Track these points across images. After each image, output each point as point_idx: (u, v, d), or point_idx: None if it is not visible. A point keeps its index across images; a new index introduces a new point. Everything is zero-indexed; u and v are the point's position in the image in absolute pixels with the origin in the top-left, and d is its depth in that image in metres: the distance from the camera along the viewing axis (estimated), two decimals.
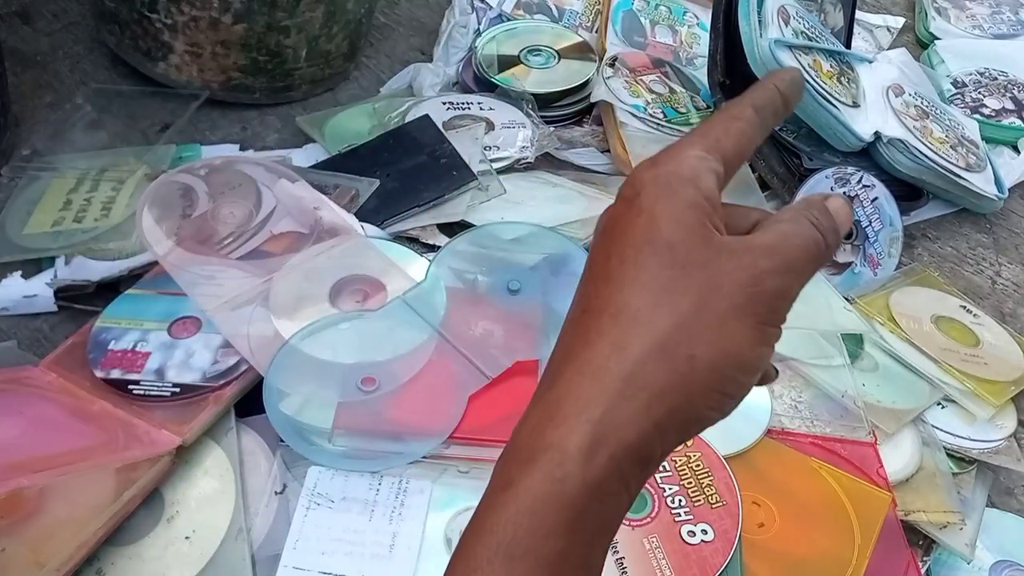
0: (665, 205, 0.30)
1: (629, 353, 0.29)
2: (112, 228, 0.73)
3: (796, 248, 0.30)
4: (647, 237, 0.30)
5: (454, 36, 0.99)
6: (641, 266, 0.30)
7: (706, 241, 0.30)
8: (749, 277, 0.29)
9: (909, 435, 0.67)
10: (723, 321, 0.29)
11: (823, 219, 0.32)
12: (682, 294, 0.29)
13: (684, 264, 0.29)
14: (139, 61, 0.89)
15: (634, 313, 0.29)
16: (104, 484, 0.54)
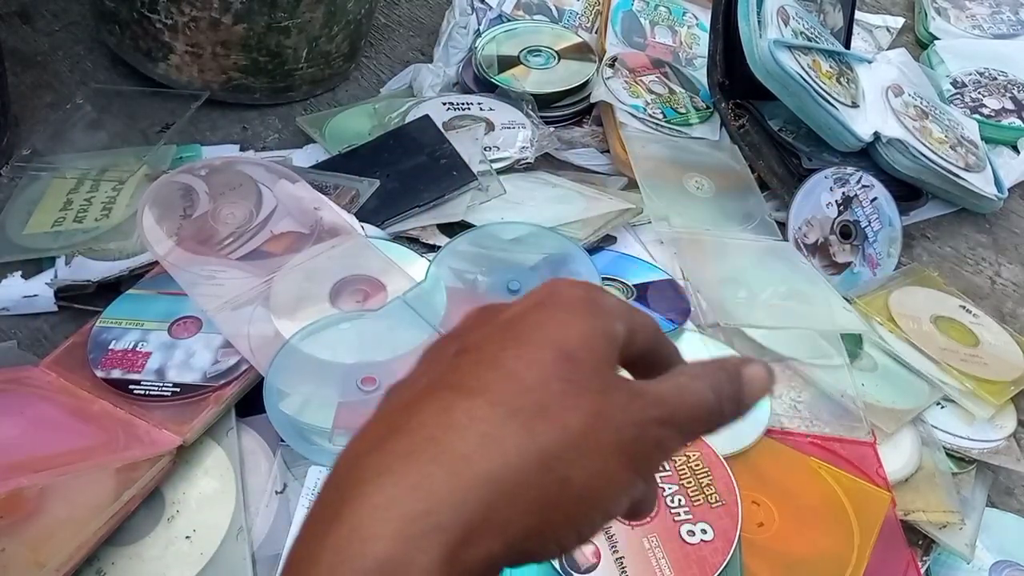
0: (583, 323, 0.28)
1: (504, 452, 0.25)
2: (112, 228, 0.73)
3: (686, 406, 0.29)
4: (554, 342, 0.27)
5: (454, 37, 0.99)
6: (538, 367, 0.27)
7: (605, 372, 0.28)
8: (638, 418, 0.27)
9: (908, 435, 0.67)
10: (604, 453, 0.26)
11: (727, 385, 0.30)
12: (572, 411, 0.26)
13: (581, 383, 0.27)
14: (139, 61, 0.89)
15: (517, 411, 0.26)
16: (104, 484, 0.54)
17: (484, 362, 0.28)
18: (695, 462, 0.60)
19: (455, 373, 0.28)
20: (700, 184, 0.86)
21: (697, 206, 0.84)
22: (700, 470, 0.60)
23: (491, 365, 0.27)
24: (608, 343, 0.29)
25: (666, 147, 0.89)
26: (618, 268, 0.76)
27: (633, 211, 0.80)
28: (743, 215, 0.84)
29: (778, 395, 0.68)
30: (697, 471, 0.60)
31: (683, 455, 0.61)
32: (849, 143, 0.85)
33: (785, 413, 0.67)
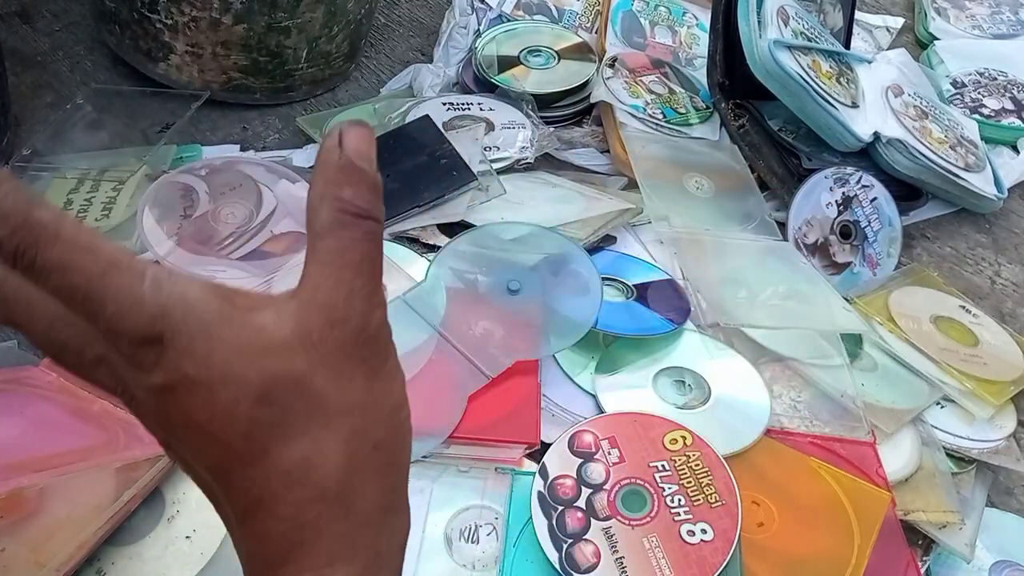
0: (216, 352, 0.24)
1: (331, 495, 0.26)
2: (113, 228, 0.73)
3: (361, 267, 0.25)
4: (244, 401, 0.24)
5: (454, 37, 0.99)
6: (266, 427, 0.25)
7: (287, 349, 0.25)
8: (351, 339, 0.25)
9: (908, 435, 0.67)
10: (368, 398, 0.26)
11: (361, 196, 0.25)
12: (323, 410, 0.25)
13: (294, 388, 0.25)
14: (139, 61, 0.89)
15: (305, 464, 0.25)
16: (104, 484, 0.54)
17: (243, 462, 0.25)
18: (695, 462, 0.60)
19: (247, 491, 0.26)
20: (700, 184, 0.86)
21: (697, 206, 0.84)
22: (700, 470, 0.60)
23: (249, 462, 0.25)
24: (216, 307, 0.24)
25: (666, 147, 0.89)
26: (618, 268, 0.76)
27: (633, 211, 0.80)
28: (743, 215, 0.84)
29: (778, 395, 0.68)
30: (697, 471, 0.60)
31: (683, 455, 0.61)
32: (849, 143, 0.85)
33: (785, 413, 0.67)
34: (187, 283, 0.24)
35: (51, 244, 0.22)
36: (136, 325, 0.23)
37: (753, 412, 0.66)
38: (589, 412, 0.65)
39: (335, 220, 0.25)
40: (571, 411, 0.65)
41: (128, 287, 0.23)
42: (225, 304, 0.24)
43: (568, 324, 0.67)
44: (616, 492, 0.59)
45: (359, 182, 0.26)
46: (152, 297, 0.23)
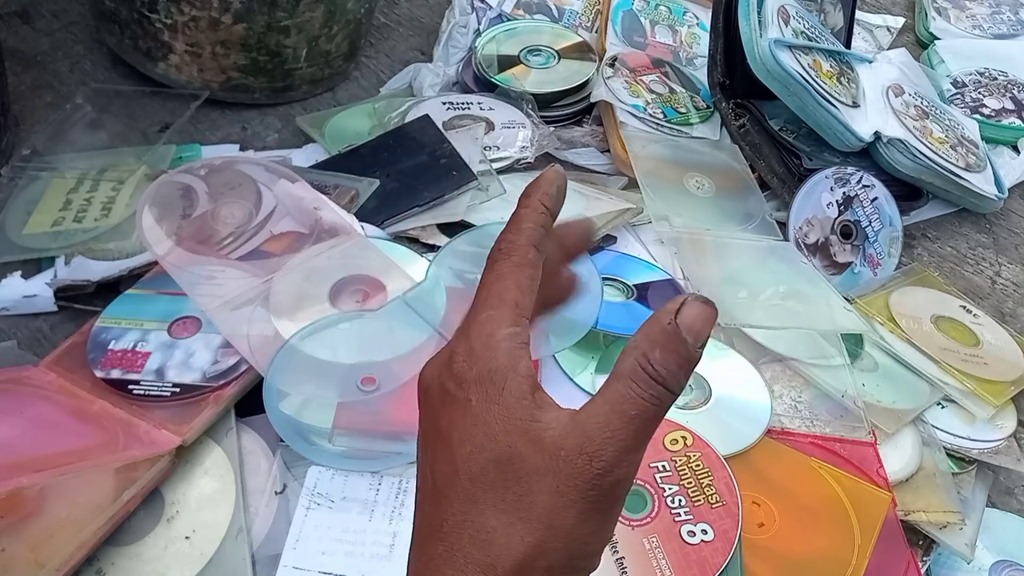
0: (497, 410, 0.29)
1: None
2: (112, 228, 0.73)
3: (632, 419, 0.28)
4: (488, 452, 0.29)
5: (454, 36, 0.99)
6: (489, 484, 0.29)
7: (539, 443, 0.29)
8: (587, 481, 0.28)
9: (909, 435, 0.67)
10: (572, 530, 0.29)
11: (666, 362, 0.28)
12: (532, 511, 0.28)
13: (527, 477, 0.29)
14: (139, 61, 0.89)
15: (493, 537, 0.29)
16: (104, 484, 0.54)
17: (452, 492, 0.30)
18: (695, 462, 0.60)
19: (439, 511, 0.31)
20: (700, 184, 0.86)
21: (697, 206, 0.84)
22: (700, 470, 0.60)
23: (459, 495, 0.30)
24: (524, 404, 0.29)
25: (666, 147, 0.89)
26: (618, 268, 0.76)
27: (633, 211, 0.80)
28: (743, 215, 0.84)
29: (778, 395, 0.68)
30: (697, 471, 0.60)
31: (684, 455, 0.61)
32: (849, 143, 0.85)
33: (785, 413, 0.67)
34: (524, 356, 0.30)
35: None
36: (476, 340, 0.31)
37: (754, 412, 0.66)
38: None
39: (632, 371, 0.29)
40: None
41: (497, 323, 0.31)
42: (531, 387, 0.30)
43: (568, 324, 0.67)
44: None
45: (673, 350, 0.28)
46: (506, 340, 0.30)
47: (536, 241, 0.33)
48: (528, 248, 0.32)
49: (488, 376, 0.30)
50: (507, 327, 0.31)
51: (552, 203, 0.34)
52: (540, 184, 0.34)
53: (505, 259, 0.32)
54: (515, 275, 0.32)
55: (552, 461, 0.28)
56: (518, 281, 0.32)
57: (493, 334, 0.31)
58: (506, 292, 0.31)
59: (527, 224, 0.33)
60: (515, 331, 0.31)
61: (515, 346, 0.30)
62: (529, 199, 0.33)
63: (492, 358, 0.30)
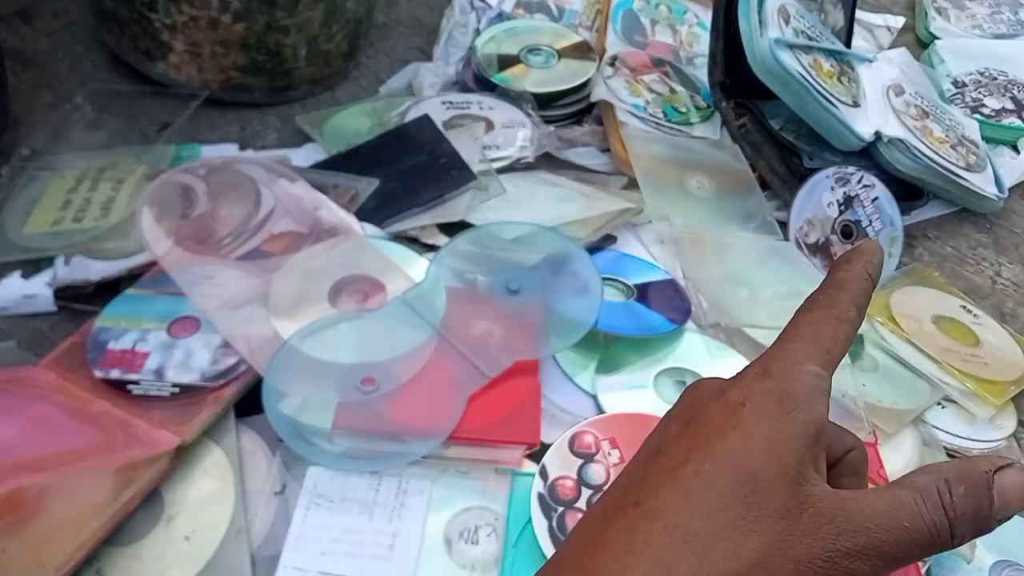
0: (767, 428, 0.27)
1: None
2: (112, 228, 0.73)
3: (899, 532, 0.26)
4: (735, 459, 0.27)
5: (454, 35, 0.99)
6: (716, 488, 0.26)
7: (795, 486, 0.26)
8: (822, 549, 0.26)
9: (909, 435, 0.67)
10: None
11: (965, 504, 0.26)
12: (747, 537, 0.26)
13: (762, 505, 0.26)
14: (139, 61, 0.89)
15: (691, 536, 0.26)
16: (103, 484, 0.54)
17: (667, 475, 0.27)
18: None
19: (643, 485, 0.28)
20: (701, 184, 0.86)
21: (698, 206, 0.84)
22: None
23: (672, 481, 0.27)
24: (798, 443, 0.27)
25: (667, 146, 0.89)
26: (618, 268, 0.76)
27: (633, 211, 0.80)
28: (744, 215, 0.84)
29: None
30: None
31: None
32: (850, 142, 0.85)
33: None
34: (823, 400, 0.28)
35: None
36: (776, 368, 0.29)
37: None
38: (589, 412, 0.65)
39: (926, 488, 0.27)
40: (571, 411, 0.65)
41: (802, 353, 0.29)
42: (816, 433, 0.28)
43: (568, 324, 0.67)
44: None
45: (976, 499, 0.26)
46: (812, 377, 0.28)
47: (859, 302, 0.31)
48: (851, 306, 0.31)
49: (777, 396, 0.27)
50: (814, 364, 0.28)
51: (875, 272, 0.32)
52: (863, 252, 0.32)
53: (824, 309, 0.31)
54: (832, 325, 0.30)
55: (798, 510, 0.26)
56: (835, 332, 0.30)
57: (799, 363, 0.28)
58: (821, 337, 0.29)
59: (851, 286, 0.31)
60: (821, 372, 0.28)
61: (819, 386, 0.28)
62: (851, 264, 0.32)
63: (789, 383, 0.28)
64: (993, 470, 0.27)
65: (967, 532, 0.26)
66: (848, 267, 0.32)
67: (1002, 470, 0.27)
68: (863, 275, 0.32)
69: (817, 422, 0.27)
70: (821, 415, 0.27)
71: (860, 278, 0.31)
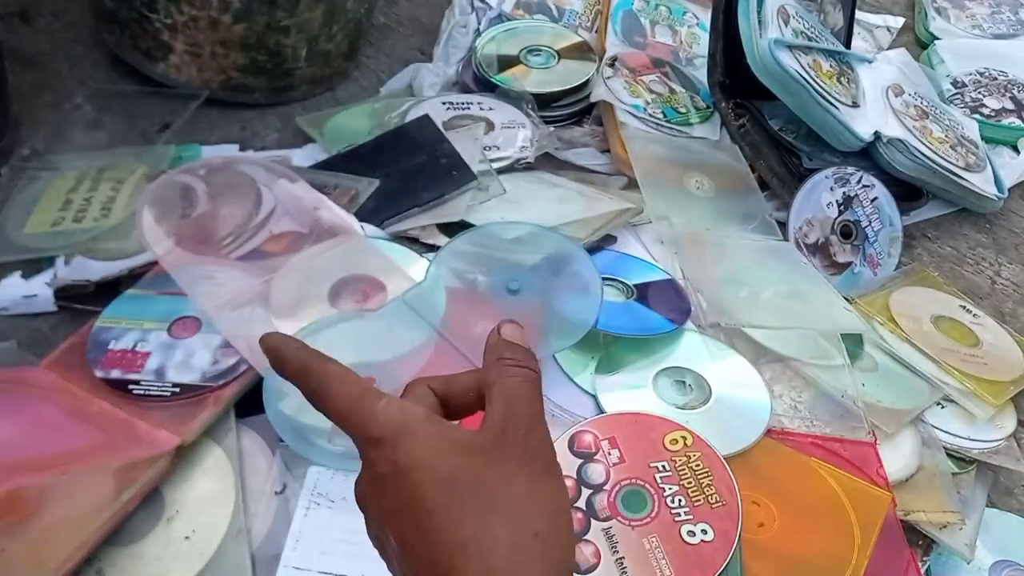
0: (420, 451, 0.33)
1: (497, 571, 0.31)
2: (112, 228, 0.73)
3: (523, 398, 0.35)
4: (434, 484, 0.32)
5: (454, 36, 0.99)
6: (450, 507, 0.32)
7: (469, 451, 0.33)
8: (518, 451, 0.33)
9: (909, 435, 0.67)
10: (531, 495, 0.33)
11: (516, 354, 0.36)
12: (493, 502, 0.32)
13: (474, 481, 0.32)
14: (139, 61, 0.89)
15: (477, 542, 0.32)
16: (104, 484, 0.54)
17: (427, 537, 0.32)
18: (695, 462, 0.60)
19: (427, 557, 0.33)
20: (700, 184, 0.86)
21: (697, 206, 0.84)
22: (700, 470, 0.60)
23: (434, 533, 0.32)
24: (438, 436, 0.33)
25: (666, 147, 0.89)
26: (618, 268, 0.76)
27: (633, 211, 0.80)
28: (743, 215, 0.84)
29: (778, 395, 0.68)
30: (697, 471, 0.60)
31: (684, 455, 0.61)
32: (849, 143, 0.85)
33: (785, 413, 0.67)
34: (408, 404, 0.35)
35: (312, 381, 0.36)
36: (367, 432, 0.34)
37: (753, 412, 0.66)
38: (589, 412, 0.65)
39: (498, 370, 0.35)
40: (571, 411, 0.65)
41: (367, 407, 0.34)
42: (430, 418, 0.34)
43: (568, 324, 0.67)
44: (616, 492, 0.59)
45: (514, 348, 0.36)
46: (383, 413, 0.34)
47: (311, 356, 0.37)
48: (315, 356, 0.37)
49: (397, 439, 0.33)
50: (377, 402, 0.34)
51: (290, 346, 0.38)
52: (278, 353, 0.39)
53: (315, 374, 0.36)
54: (337, 373, 0.36)
55: (486, 455, 0.33)
56: (342, 374, 0.36)
57: (373, 414, 0.34)
58: (350, 385, 0.35)
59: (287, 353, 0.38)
60: (386, 400, 0.34)
61: (397, 407, 0.34)
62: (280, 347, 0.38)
63: (388, 428, 0.33)
64: (496, 334, 0.37)
65: (536, 364, 0.36)
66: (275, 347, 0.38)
67: (501, 327, 0.37)
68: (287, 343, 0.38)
69: (425, 418, 0.34)
70: (419, 412, 0.34)
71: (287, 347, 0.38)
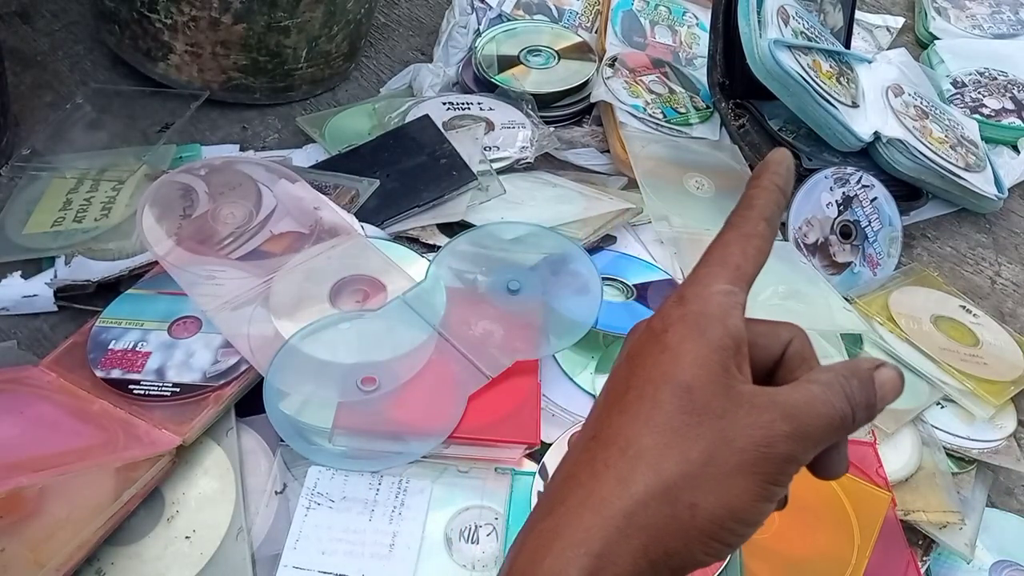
0: (692, 345, 0.30)
1: (633, 491, 0.29)
2: (112, 228, 0.73)
3: (819, 417, 0.30)
4: (668, 376, 0.30)
5: (454, 36, 0.99)
6: (658, 405, 0.29)
7: (727, 389, 0.30)
8: (763, 437, 0.29)
9: (909, 435, 0.67)
10: (729, 475, 0.29)
11: (859, 394, 0.31)
12: (693, 441, 0.29)
13: (700, 411, 0.29)
14: (139, 61, 0.89)
15: (643, 451, 0.29)
16: (104, 484, 0.54)
17: (614, 405, 0.31)
18: None
19: (598, 420, 0.31)
20: (700, 184, 0.86)
21: (697, 206, 0.84)
22: None
23: (620, 409, 0.30)
24: (722, 354, 0.30)
25: (666, 147, 0.89)
26: (618, 268, 0.76)
27: (633, 211, 0.80)
28: None
29: None
30: None
31: None
32: (849, 143, 0.85)
33: None
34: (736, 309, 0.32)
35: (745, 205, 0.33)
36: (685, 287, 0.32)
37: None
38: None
39: (831, 382, 0.31)
40: (571, 411, 0.65)
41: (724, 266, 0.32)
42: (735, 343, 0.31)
43: (568, 324, 0.67)
44: None
45: (866, 389, 0.31)
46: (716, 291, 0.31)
47: (768, 215, 0.33)
48: (759, 221, 0.32)
49: (693, 319, 0.30)
50: (724, 283, 0.31)
51: (783, 182, 0.34)
52: (769, 165, 0.34)
53: (733, 229, 0.32)
54: (741, 243, 0.32)
55: (734, 408, 0.29)
56: (743, 248, 0.32)
57: (709, 286, 0.31)
58: (729, 256, 0.32)
59: (759, 200, 0.33)
60: (731, 289, 0.31)
61: (729, 302, 0.31)
62: (759, 179, 0.34)
63: (702, 305, 0.30)
64: (874, 367, 0.31)
65: (862, 417, 0.31)
66: (756, 183, 0.34)
67: (880, 368, 0.31)
68: (770, 187, 0.33)
69: (733, 335, 0.31)
70: (735, 328, 0.31)
71: (768, 191, 0.33)
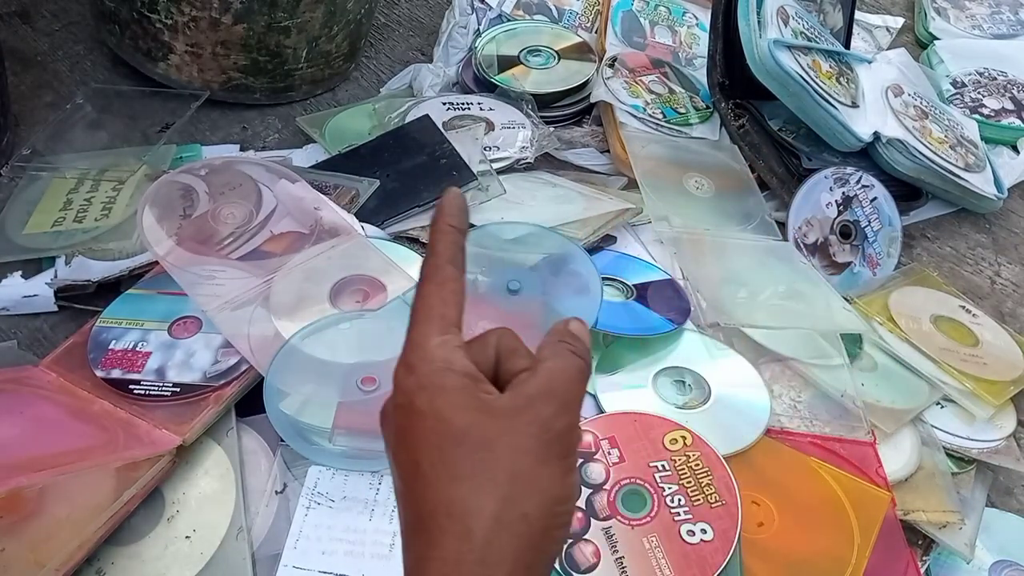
0: (442, 400, 0.32)
1: (475, 539, 0.31)
2: (112, 228, 0.73)
3: (568, 382, 0.34)
4: (443, 433, 0.32)
5: (454, 36, 0.99)
6: (449, 462, 0.32)
7: (491, 412, 0.32)
8: (539, 427, 0.32)
9: (908, 435, 0.67)
10: (534, 473, 0.32)
11: (577, 345, 0.35)
12: (496, 467, 0.32)
13: (485, 442, 0.32)
14: (139, 61, 0.89)
15: (464, 502, 0.31)
16: (104, 484, 0.54)
17: (418, 483, 0.32)
18: (695, 462, 0.60)
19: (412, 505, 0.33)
20: (700, 184, 0.86)
21: (697, 206, 0.84)
22: (700, 470, 0.60)
23: (424, 484, 0.32)
24: (466, 392, 0.33)
25: (666, 147, 0.89)
26: (618, 268, 0.76)
27: (633, 211, 0.80)
28: (743, 215, 0.84)
29: (778, 395, 0.68)
30: (697, 471, 0.60)
31: (683, 455, 0.61)
32: (849, 143, 0.85)
33: (785, 413, 0.67)
34: (459, 352, 0.34)
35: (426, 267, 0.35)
36: (407, 354, 0.34)
37: (753, 412, 0.66)
38: (589, 412, 0.65)
39: (553, 349, 0.34)
40: None
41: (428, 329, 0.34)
42: (469, 372, 0.33)
43: None
44: (616, 492, 0.59)
45: (577, 339, 0.35)
46: (433, 346, 0.33)
47: (450, 259, 0.35)
48: (445, 266, 0.35)
49: (427, 380, 0.33)
50: (436, 337, 0.34)
51: (458, 221, 0.36)
52: (443, 208, 0.37)
53: (427, 282, 0.35)
54: (437, 293, 0.35)
55: (506, 420, 0.32)
56: (441, 297, 0.35)
57: (424, 345, 0.34)
58: (431, 310, 0.34)
59: (440, 246, 0.36)
60: (444, 338, 0.34)
61: (447, 349, 0.33)
62: (436, 224, 0.36)
63: (428, 364, 0.33)
64: (566, 325, 0.36)
65: (589, 359, 0.35)
66: (434, 228, 0.36)
67: (569, 322, 0.36)
68: (446, 230, 0.36)
69: (466, 372, 0.33)
70: (463, 365, 0.33)
71: (445, 234, 0.36)
